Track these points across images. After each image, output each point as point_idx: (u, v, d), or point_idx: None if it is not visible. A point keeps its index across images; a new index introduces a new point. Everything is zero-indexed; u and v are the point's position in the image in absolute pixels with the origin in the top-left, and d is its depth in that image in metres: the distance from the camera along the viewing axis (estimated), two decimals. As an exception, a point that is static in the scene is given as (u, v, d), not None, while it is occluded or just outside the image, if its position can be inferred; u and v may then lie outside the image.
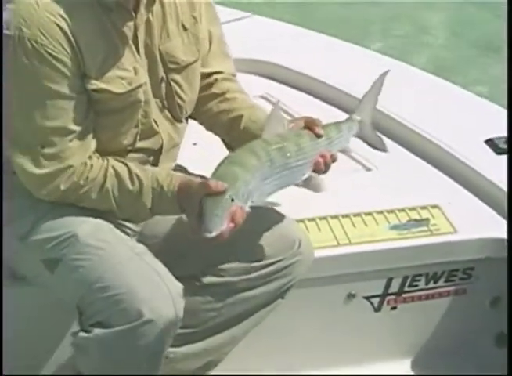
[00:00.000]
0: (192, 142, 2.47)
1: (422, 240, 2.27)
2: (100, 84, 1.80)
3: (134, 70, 1.85)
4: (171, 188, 1.81)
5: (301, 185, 1.89)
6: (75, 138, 1.80)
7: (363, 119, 2.02)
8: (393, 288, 2.34)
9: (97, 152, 1.85)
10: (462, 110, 2.79)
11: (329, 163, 1.90)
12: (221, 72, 2.05)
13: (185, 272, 1.94)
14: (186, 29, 1.95)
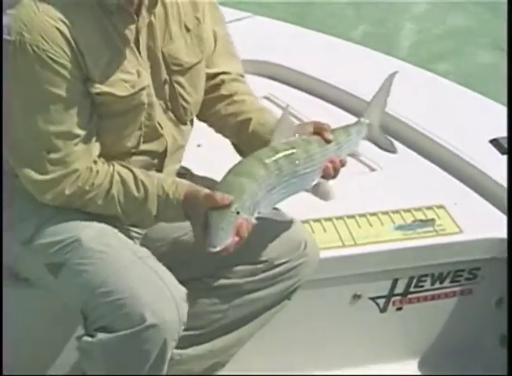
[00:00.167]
0: (196, 143, 2.46)
1: (427, 241, 2.27)
2: (103, 88, 1.79)
3: (137, 73, 1.84)
4: (177, 196, 1.80)
5: (309, 191, 1.88)
6: (80, 142, 1.79)
7: (372, 122, 2.00)
8: (399, 289, 2.34)
9: (101, 155, 1.85)
10: (466, 109, 2.78)
11: (339, 168, 1.89)
12: (228, 73, 2.04)
13: (190, 275, 1.94)
14: (189, 30, 1.94)
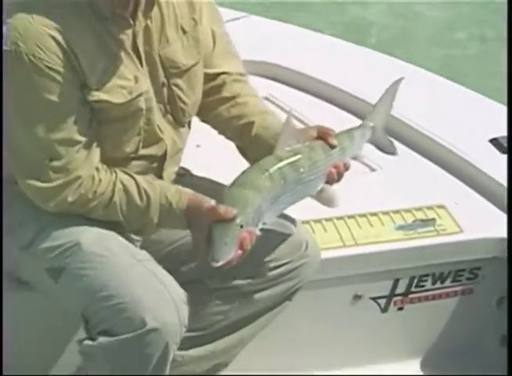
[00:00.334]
0: (195, 144, 2.45)
1: (428, 241, 2.27)
2: (101, 95, 1.78)
3: (134, 79, 1.83)
4: (180, 205, 1.80)
5: (313, 197, 1.87)
6: (81, 148, 1.79)
7: (376, 125, 1.98)
8: (400, 289, 2.34)
9: (100, 160, 1.84)
10: (466, 109, 2.78)
11: (343, 172, 1.88)
12: (228, 73, 2.02)
13: (191, 277, 1.94)
14: (186, 32, 1.92)
